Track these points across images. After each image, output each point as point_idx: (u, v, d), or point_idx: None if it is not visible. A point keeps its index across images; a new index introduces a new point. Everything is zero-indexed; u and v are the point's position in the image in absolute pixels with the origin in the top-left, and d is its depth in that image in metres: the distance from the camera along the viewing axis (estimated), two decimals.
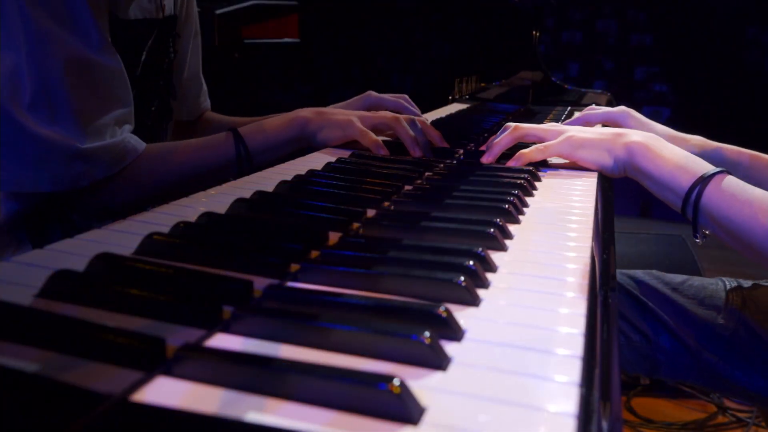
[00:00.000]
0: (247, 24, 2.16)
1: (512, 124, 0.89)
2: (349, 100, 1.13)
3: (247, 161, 0.84)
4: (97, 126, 0.76)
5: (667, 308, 0.96)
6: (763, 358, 0.89)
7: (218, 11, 2.01)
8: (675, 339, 0.94)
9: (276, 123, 0.89)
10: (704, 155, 0.92)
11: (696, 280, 0.99)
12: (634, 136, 0.80)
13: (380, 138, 0.92)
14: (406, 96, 1.16)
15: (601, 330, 0.42)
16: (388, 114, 0.93)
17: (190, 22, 1.09)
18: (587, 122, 1.10)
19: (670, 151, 0.77)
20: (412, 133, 0.90)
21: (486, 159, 0.87)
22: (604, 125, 1.09)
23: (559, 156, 0.85)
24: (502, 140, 0.87)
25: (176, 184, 0.83)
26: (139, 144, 0.81)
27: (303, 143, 0.90)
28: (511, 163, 0.84)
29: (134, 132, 0.88)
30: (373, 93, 1.13)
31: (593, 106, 1.19)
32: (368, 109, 1.10)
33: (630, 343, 0.96)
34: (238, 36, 2.12)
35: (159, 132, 1.02)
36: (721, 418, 1.72)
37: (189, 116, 1.17)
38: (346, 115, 0.90)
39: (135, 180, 0.81)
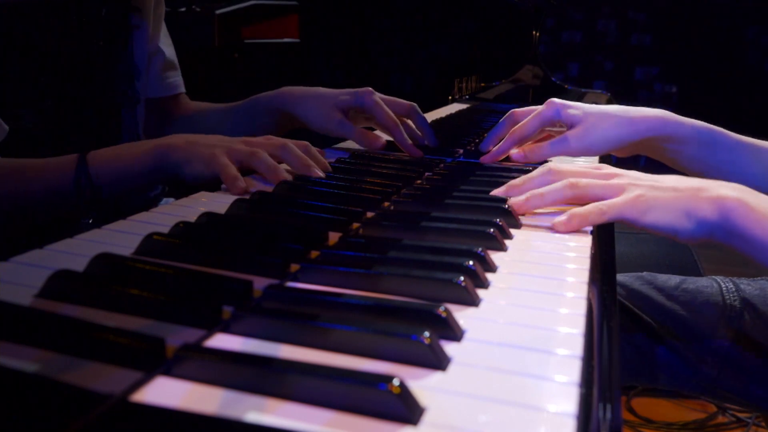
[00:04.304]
0: (247, 24, 2.16)
1: (560, 173, 0.67)
2: (339, 90, 0.96)
3: (90, 189, 0.72)
4: None
5: (662, 318, 0.90)
6: (763, 369, 0.87)
7: (218, 11, 2.01)
8: (671, 351, 0.89)
9: (134, 150, 0.76)
10: (671, 126, 0.83)
11: (690, 283, 0.94)
12: (723, 189, 0.62)
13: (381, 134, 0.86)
14: (414, 105, 0.98)
15: (601, 330, 0.42)
16: (253, 146, 0.75)
17: None
18: (522, 138, 0.88)
19: None
20: (270, 164, 0.74)
21: (513, 200, 0.66)
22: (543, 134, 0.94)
23: (622, 221, 0.64)
24: (552, 194, 0.66)
25: (15, 206, 0.74)
26: None
27: (167, 174, 0.76)
28: (563, 228, 0.62)
29: (77, 123, 0.82)
30: (373, 96, 0.94)
31: (515, 110, 0.94)
32: (357, 109, 0.95)
33: (623, 357, 0.90)
34: (238, 36, 2.12)
35: (123, 118, 0.94)
36: (721, 418, 1.72)
37: (155, 93, 1.05)
38: (211, 148, 0.74)
39: None
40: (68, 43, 0.85)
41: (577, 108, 0.86)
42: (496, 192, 0.69)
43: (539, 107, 0.89)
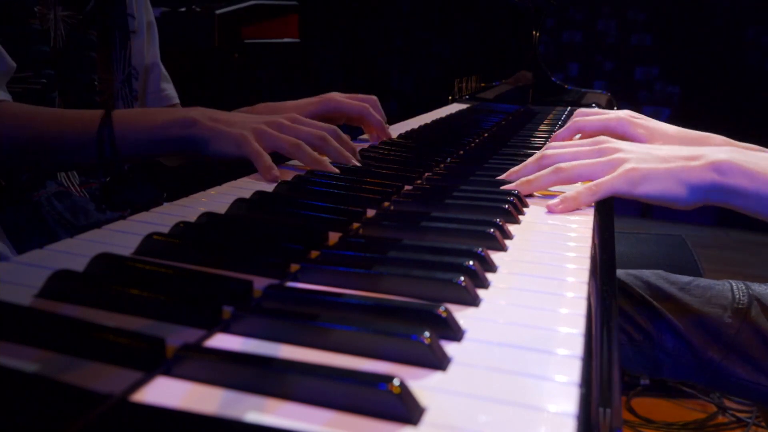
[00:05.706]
0: (247, 24, 2.17)
1: (551, 158, 0.72)
2: (304, 101, 1.01)
3: (111, 148, 0.72)
4: None
5: (672, 307, 0.95)
6: (766, 357, 0.89)
7: (218, 11, 2.01)
8: (678, 338, 0.93)
9: (158, 116, 0.75)
10: None
11: (702, 281, 0.99)
12: (716, 154, 0.66)
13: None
14: (375, 98, 1.04)
15: (601, 330, 0.42)
16: (283, 130, 0.76)
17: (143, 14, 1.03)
18: (581, 131, 0.94)
19: (760, 159, 0.65)
20: (315, 156, 0.75)
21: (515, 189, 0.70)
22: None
23: (616, 196, 0.67)
24: (539, 180, 0.70)
25: (33, 150, 0.75)
26: None
27: (188, 148, 0.74)
28: (556, 210, 0.66)
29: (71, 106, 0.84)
30: (336, 96, 1.01)
31: (582, 110, 1.02)
32: (326, 114, 1.00)
33: (632, 343, 0.95)
34: (238, 36, 2.12)
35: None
36: (721, 418, 1.72)
37: (155, 105, 1.08)
38: (242, 128, 0.73)
39: None
40: (61, 20, 0.88)
41: (645, 128, 0.89)
42: (500, 178, 0.75)
43: (609, 112, 0.94)
